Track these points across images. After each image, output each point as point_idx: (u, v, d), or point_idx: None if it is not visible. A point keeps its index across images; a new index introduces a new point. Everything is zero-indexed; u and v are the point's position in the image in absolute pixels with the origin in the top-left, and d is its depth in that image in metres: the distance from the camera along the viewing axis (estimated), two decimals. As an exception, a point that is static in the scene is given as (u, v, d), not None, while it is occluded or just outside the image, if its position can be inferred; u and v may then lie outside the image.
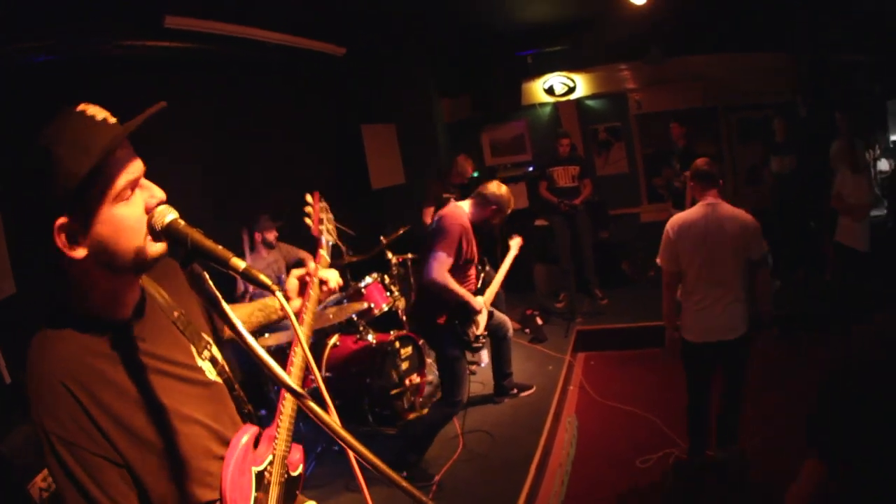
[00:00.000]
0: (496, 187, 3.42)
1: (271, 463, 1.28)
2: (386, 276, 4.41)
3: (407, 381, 4.06)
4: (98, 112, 1.00)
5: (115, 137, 0.96)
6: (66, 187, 0.95)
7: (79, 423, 1.00)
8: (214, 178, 4.41)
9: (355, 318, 4.07)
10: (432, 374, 4.44)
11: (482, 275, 3.66)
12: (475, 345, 3.49)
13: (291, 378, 1.13)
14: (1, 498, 2.14)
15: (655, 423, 3.70)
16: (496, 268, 4.02)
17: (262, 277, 0.96)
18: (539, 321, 5.31)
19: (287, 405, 1.31)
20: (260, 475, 1.25)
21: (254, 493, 1.22)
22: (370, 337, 4.02)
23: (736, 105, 6.83)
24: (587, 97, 7.30)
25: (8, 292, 3.00)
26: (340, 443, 0.89)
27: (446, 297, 3.27)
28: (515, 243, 4.00)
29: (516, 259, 3.98)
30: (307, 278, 1.49)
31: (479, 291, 3.54)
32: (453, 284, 3.23)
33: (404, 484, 0.91)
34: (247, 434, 1.26)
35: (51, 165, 0.95)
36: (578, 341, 5.17)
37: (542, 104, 7.38)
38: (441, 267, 3.19)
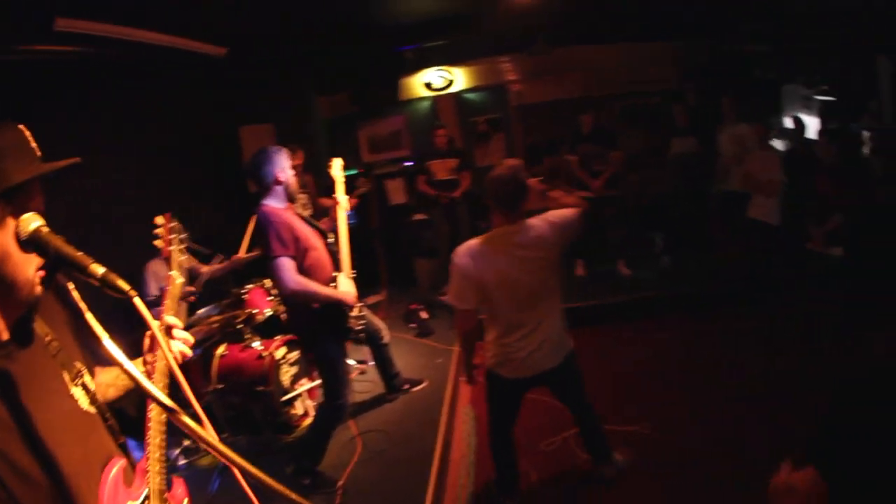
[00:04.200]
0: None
1: (147, 498, 1.24)
2: (266, 281, 4.22)
3: (297, 386, 4.03)
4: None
5: None
6: None
7: None
8: (95, 183, 4.20)
9: (240, 326, 3.96)
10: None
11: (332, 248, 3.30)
12: (357, 329, 3.20)
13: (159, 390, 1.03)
14: None
15: (553, 406, 3.34)
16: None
17: (120, 282, 0.95)
18: (424, 315, 5.33)
19: (153, 435, 1.26)
20: None
21: None
22: (256, 344, 3.92)
23: (621, 93, 7.13)
24: (466, 90, 7.41)
25: None
26: (216, 456, 0.89)
27: (313, 300, 3.03)
28: (342, 198, 3.49)
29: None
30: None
31: (336, 266, 3.24)
32: (315, 287, 2.98)
33: (283, 490, 0.92)
34: (114, 468, 1.22)
35: None
36: (465, 331, 5.32)
37: (421, 99, 7.40)
38: (290, 273, 2.92)
